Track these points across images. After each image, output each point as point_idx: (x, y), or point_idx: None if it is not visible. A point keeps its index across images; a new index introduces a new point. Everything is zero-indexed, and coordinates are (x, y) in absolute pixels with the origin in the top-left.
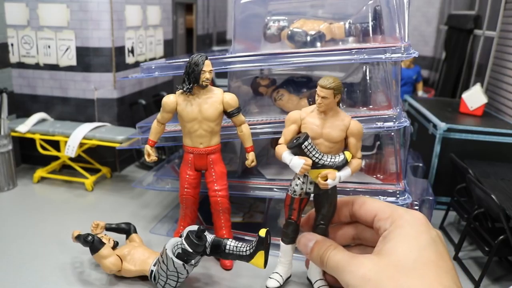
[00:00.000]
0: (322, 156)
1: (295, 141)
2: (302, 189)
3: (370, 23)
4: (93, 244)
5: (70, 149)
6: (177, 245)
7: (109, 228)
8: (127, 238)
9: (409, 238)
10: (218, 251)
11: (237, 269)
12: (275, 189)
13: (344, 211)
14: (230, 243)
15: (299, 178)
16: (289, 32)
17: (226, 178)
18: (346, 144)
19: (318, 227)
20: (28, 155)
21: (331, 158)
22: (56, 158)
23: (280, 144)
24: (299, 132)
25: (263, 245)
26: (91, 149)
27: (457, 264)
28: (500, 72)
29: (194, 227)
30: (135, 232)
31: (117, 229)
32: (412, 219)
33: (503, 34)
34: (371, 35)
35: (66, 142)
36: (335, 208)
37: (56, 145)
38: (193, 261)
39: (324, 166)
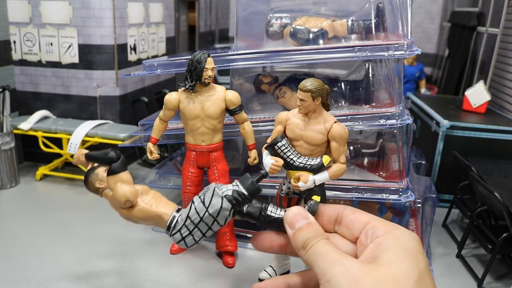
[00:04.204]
0: (298, 158)
1: (269, 142)
2: (289, 188)
3: (373, 21)
4: (117, 162)
5: (73, 146)
6: (226, 187)
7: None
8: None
9: (410, 256)
10: (255, 214)
11: (240, 266)
12: (277, 187)
13: (331, 213)
14: (273, 206)
15: (286, 178)
16: (292, 29)
17: (228, 175)
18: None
19: None
20: (30, 153)
21: (306, 160)
22: (59, 155)
23: (267, 143)
24: (285, 132)
25: (313, 212)
26: (93, 146)
27: (460, 262)
28: (504, 69)
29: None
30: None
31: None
32: (409, 233)
33: (507, 31)
34: (373, 32)
35: (68, 139)
36: None
37: (58, 142)
38: (230, 214)
39: (299, 168)
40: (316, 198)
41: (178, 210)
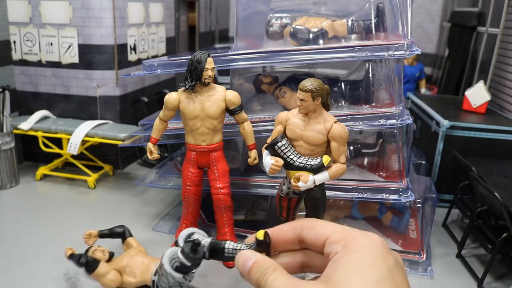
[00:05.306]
0: (298, 158)
1: (269, 142)
2: (289, 188)
3: (373, 21)
4: (87, 265)
5: (73, 146)
6: (174, 258)
7: (102, 235)
8: (123, 242)
9: (364, 267)
10: (217, 255)
11: None
12: (277, 187)
13: (290, 236)
14: (229, 246)
15: (286, 178)
16: (292, 29)
17: (228, 175)
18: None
19: None
20: (30, 153)
21: (306, 160)
22: (59, 155)
23: (267, 143)
24: (285, 132)
25: (263, 246)
26: (93, 146)
27: (460, 262)
28: (504, 69)
29: (189, 231)
30: (131, 235)
31: (111, 234)
32: (367, 242)
33: (507, 31)
34: (374, 32)
35: (68, 139)
36: (319, 211)
37: (58, 142)
38: (193, 271)
39: (299, 168)
40: (259, 234)
41: (155, 273)
